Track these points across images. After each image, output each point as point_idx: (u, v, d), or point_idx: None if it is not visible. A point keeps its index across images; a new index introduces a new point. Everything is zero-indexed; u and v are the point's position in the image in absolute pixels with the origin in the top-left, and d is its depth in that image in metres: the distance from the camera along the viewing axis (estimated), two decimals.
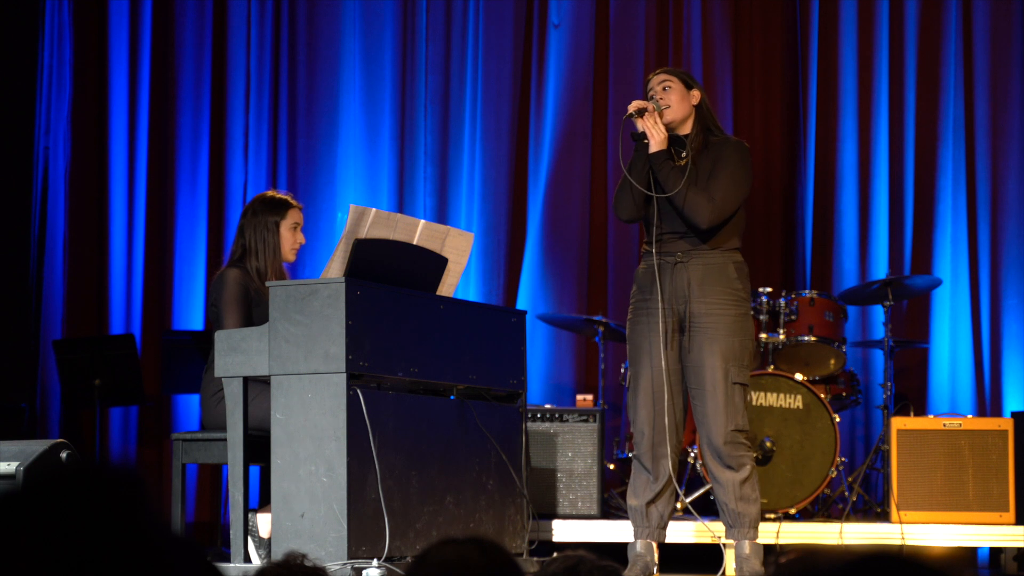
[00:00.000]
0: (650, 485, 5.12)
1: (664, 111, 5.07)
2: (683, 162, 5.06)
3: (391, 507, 4.71)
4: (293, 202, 5.49)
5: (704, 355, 5.03)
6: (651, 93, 5.15)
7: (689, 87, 5.16)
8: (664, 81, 5.15)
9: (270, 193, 5.56)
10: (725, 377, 5.01)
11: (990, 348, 7.55)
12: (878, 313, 7.34)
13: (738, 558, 5.13)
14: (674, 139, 5.10)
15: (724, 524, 5.14)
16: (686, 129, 5.15)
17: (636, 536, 5.19)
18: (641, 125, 5.04)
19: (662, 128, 5.04)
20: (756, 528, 5.12)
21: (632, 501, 5.18)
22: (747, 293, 5.11)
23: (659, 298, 5.05)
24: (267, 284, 4.89)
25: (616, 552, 5.42)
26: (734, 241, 5.11)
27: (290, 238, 5.44)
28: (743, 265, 5.12)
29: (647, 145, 5.04)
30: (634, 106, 5.05)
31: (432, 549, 1.77)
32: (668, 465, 5.11)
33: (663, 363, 5.05)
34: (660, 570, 5.35)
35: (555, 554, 2.03)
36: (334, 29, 8.05)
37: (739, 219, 5.12)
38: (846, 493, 6.58)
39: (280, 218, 5.43)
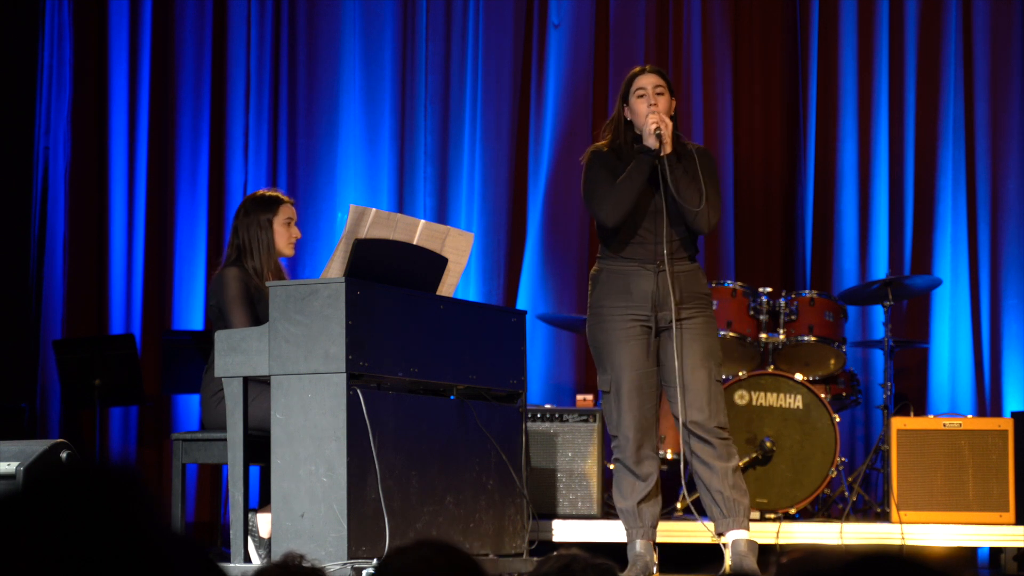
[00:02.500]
0: (637, 485, 5.15)
1: None
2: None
3: (391, 507, 4.71)
4: (283, 197, 5.49)
5: (688, 355, 5.09)
6: (641, 92, 5.15)
7: (672, 93, 5.21)
8: (659, 86, 5.17)
9: (260, 192, 5.56)
10: (709, 376, 5.11)
11: (990, 348, 7.55)
12: (878, 313, 7.34)
13: (735, 554, 5.13)
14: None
15: (717, 515, 5.14)
16: None
17: (632, 536, 5.20)
18: (656, 142, 5.04)
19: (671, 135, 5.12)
20: (748, 517, 5.16)
21: (621, 503, 5.21)
22: (711, 297, 5.40)
23: (654, 305, 5.09)
24: (267, 284, 4.89)
25: (616, 552, 5.42)
26: (697, 249, 5.29)
27: (285, 233, 5.43)
28: (704, 272, 5.38)
29: (648, 160, 5.05)
30: (664, 126, 5.05)
31: (390, 559, 1.77)
32: (653, 466, 5.16)
33: (658, 366, 5.14)
34: (659, 570, 5.36)
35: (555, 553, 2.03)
36: (334, 29, 8.05)
37: None
38: (846, 493, 6.57)
39: (272, 215, 5.42)
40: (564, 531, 6.31)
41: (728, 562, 5.23)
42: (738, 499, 5.11)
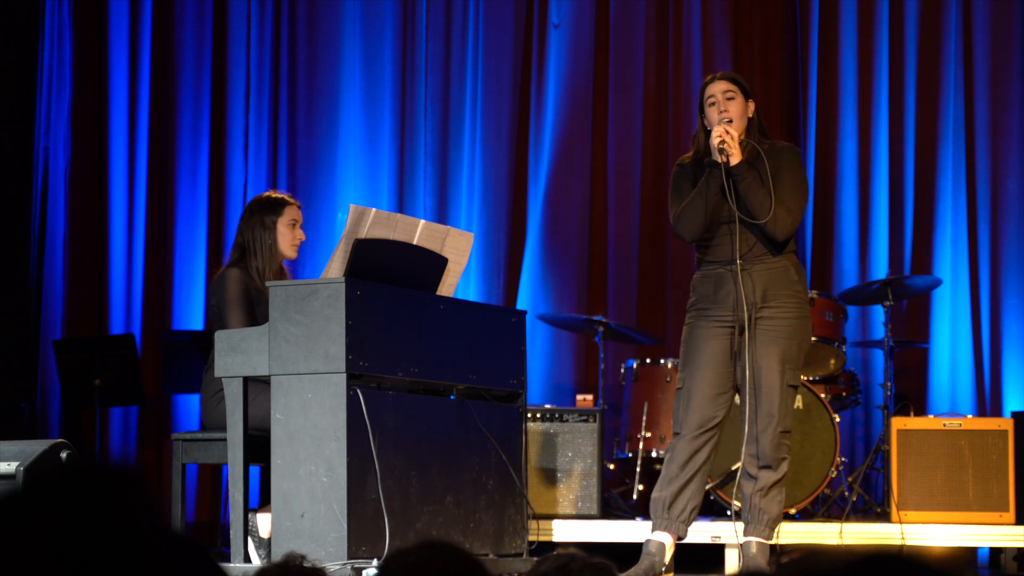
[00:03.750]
0: (676, 479, 5.12)
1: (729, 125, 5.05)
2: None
3: (391, 507, 4.71)
4: (290, 200, 5.49)
5: (763, 357, 5.07)
6: (711, 100, 5.12)
7: (747, 98, 5.15)
8: (728, 91, 5.11)
9: (267, 193, 5.56)
10: (782, 380, 5.06)
11: (990, 348, 7.55)
12: (878, 313, 7.34)
13: (745, 556, 5.14)
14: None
15: (744, 519, 5.17)
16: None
17: (653, 528, 5.18)
18: (721, 157, 4.98)
19: (737, 143, 5.04)
20: (772, 529, 5.14)
21: (655, 493, 5.18)
22: (807, 293, 5.21)
23: (736, 305, 5.07)
24: (267, 284, 4.89)
25: (616, 552, 5.42)
26: (791, 244, 5.17)
27: (289, 235, 5.43)
28: (800, 266, 5.21)
29: (716, 174, 5.00)
30: (729, 138, 5.01)
31: (392, 560, 1.77)
32: (703, 461, 5.12)
33: (744, 369, 5.09)
34: None
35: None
36: (334, 29, 8.05)
37: None
38: (846, 493, 6.57)
39: (277, 216, 5.42)
40: (564, 531, 6.31)
41: (735, 563, 5.23)
42: (765, 508, 5.12)
